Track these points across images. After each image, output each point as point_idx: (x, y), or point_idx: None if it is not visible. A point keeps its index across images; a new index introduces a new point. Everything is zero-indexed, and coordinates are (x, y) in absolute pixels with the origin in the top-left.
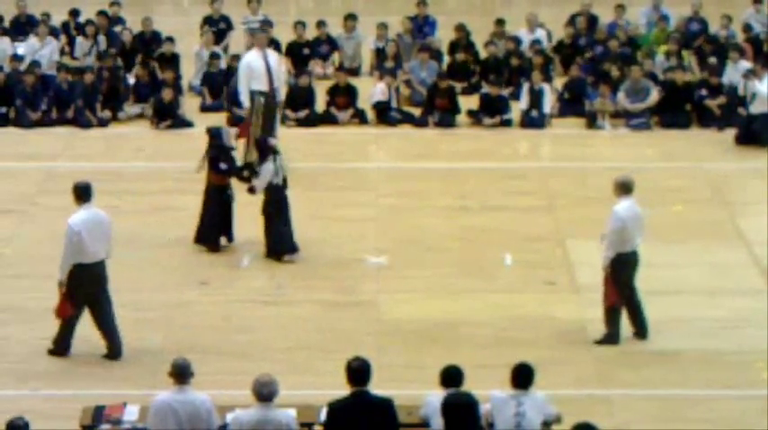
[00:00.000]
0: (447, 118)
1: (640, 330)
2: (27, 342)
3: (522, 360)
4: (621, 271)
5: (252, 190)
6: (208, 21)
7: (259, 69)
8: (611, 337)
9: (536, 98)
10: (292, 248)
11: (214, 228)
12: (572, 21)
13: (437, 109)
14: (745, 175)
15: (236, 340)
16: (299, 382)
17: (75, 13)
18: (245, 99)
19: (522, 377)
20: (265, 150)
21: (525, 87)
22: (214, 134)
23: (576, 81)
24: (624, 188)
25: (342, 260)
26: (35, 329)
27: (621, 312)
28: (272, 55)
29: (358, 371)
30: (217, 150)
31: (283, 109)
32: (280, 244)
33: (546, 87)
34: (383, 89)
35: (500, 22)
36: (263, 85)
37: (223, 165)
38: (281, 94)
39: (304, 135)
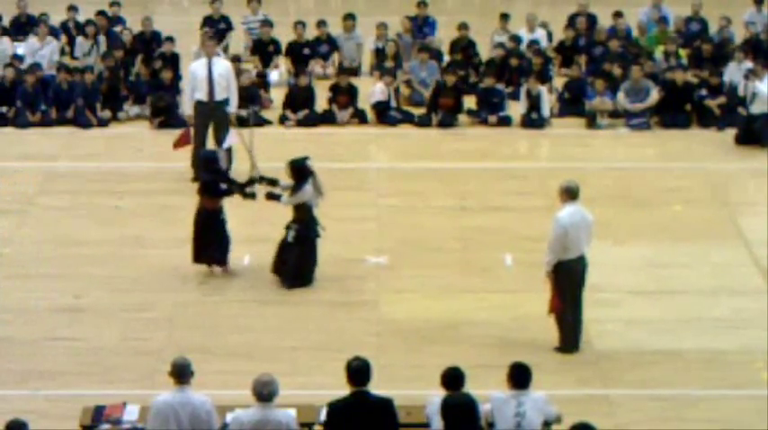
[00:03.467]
0: (448, 117)
1: (568, 344)
2: (27, 342)
3: (518, 360)
4: (565, 278)
5: (272, 196)
6: (208, 21)
7: (201, 77)
8: (568, 344)
9: (534, 101)
10: (310, 279)
11: (210, 248)
12: (571, 21)
13: (441, 108)
14: (745, 175)
15: (236, 340)
16: (299, 382)
17: (73, 8)
18: (187, 108)
19: (519, 376)
20: (303, 172)
21: (523, 91)
22: (210, 159)
23: (576, 81)
24: (569, 193)
25: (342, 260)
26: (35, 329)
27: (570, 316)
28: (220, 63)
29: (358, 372)
30: (213, 175)
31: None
32: (301, 272)
33: (543, 90)
34: (382, 89)
35: (505, 17)
36: (203, 95)
37: (224, 186)
38: (232, 104)
39: (304, 135)
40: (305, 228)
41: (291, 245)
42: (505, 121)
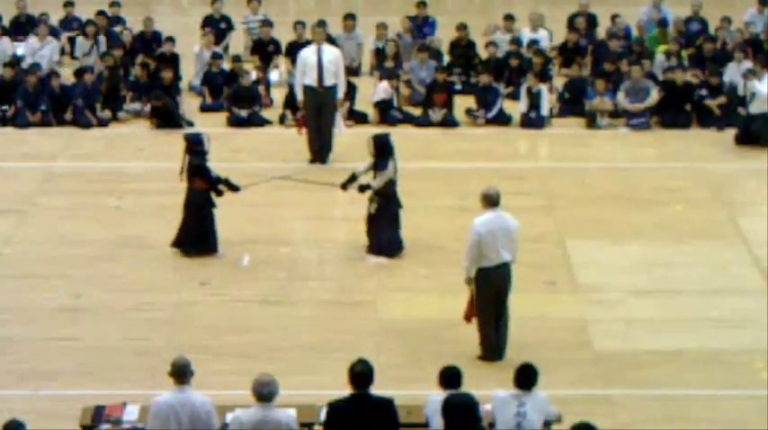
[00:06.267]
0: (448, 117)
1: (487, 352)
2: (27, 342)
3: (525, 361)
4: (483, 286)
5: (363, 188)
6: (209, 20)
7: (311, 64)
8: (487, 353)
9: (534, 100)
10: (399, 247)
11: (203, 235)
12: (571, 21)
13: (435, 104)
14: (745, 175)
15: (236, 340)
16: (299, 382)
17: (69, 4)
18: (298, 92)
19: (525, 377)
20: (386, 149)
21: (523, 89)
22: (195, 141)
23: (576, 81)
24: (488, 200)
25: (342, 260)
26: (35, 329)
27: (492, 325)
28: (329, 51)
29: (361, 376)
30: (201, 157)
31: (342, 105)
32: (388, 244)
33: (543, 89)
34: (386, 88)
35: (509, 18)
36: (313, 81)
37: (214, 174)
38: (340, 90)
39: (304, 135)
40: (387, 202)
41: (373, 216)
42: (497, 119)
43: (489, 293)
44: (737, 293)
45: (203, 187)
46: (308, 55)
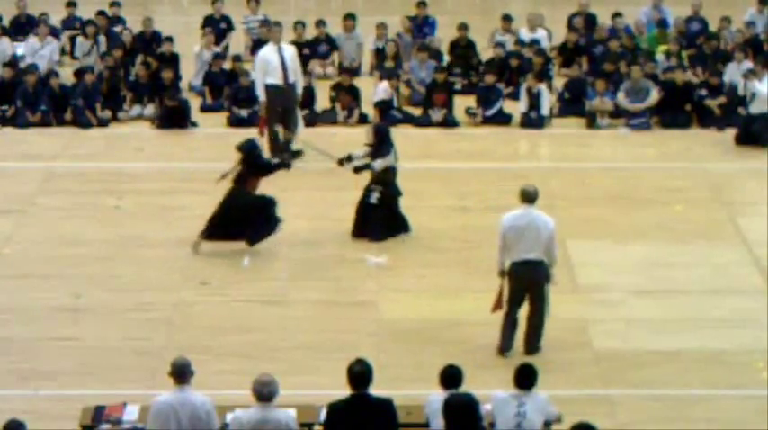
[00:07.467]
0: (448, 117)
1: (505, 346)
2: (27, 342)
3: (525, 361)
4: (509, 280)
5: (360, 168)
6: (209, 20)
7: (274, 63)
8: (504, 346)
9: (534, 100)
10: (407, 227)
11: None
12: (571, 21)
13: (435, 104)
14: (745, 175)
15: (236, 340)
16: (299, 382)
17: (72, 4)
18: (260, 93)
19: (525, 377)
20: (387, 137)
21: (523, 89)
22: (252, 148)
23: (576, 81)
24: (523, 196)
25: (342, 260)
26: (35, 329)
27: (513, 321)
28: (288, 49)
29: (360, 376)
30: (260, 158)
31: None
32: (395, 228)
33: (543, 89)
34: (386, 88)
35: (507, 18)
36: (278, 79)
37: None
38: (299, 87)
39: (304, 134)
40: (388, 189)
41: (375, 206)
42: (496, 119)
43: (511, 287)
44: (737, 293)
45: (255, 187)
46: (268, 54)
